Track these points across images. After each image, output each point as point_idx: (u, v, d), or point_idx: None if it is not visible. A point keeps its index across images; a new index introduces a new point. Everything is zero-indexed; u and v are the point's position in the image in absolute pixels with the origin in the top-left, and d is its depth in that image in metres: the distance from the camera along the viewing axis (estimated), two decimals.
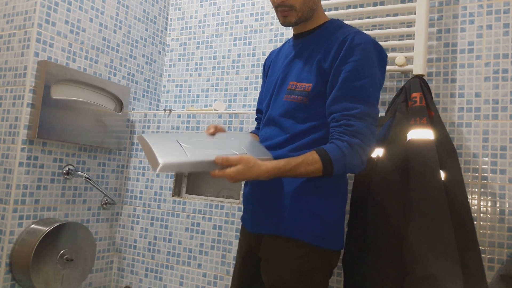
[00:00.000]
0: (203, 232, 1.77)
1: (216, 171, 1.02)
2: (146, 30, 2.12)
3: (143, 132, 1.97)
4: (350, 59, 1.09)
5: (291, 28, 1.28)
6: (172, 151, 1.03)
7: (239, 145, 1.12)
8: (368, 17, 1.67)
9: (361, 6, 1.69)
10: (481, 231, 1.39)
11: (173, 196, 1.86)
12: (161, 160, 0.98)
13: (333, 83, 1.11)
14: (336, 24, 1.22)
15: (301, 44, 1.24)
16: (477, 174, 1.42)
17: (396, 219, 1.25)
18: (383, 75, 1.16)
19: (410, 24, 1.59)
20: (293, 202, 1.13)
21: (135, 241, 1.91)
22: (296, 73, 1.20)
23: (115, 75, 1.93)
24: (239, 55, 2.01)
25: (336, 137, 1.06)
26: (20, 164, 1.53)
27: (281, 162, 1.05)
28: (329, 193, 1.14)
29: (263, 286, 1.16)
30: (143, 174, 1.94)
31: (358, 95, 1.08)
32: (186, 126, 1.87)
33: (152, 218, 1.89)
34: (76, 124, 1.67)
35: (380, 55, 1.14)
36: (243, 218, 1.31)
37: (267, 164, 1.04)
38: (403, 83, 1.53)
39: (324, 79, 1.13)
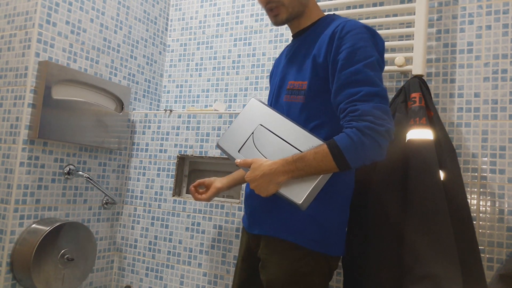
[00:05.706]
0: (203, 232, 1.77)
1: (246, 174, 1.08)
2: (147, 30, 2.12)
3: (143, 132, 1.97)
4: (342, 48, 1.05)
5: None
6: (235, 142, 1.17)
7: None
8: (367, 18, 1.67)
9: (361, 6, 1.70)
10: (480, 230, 1.39)
11: (173, 195, 1.87)
12: (219, 142, 1.20)
13: (333, 76, 1.07)
14: (330, 19, 1.19)
15: (297, 43, 1.23)
16: (476, 174, 1.43)
17: (395, 219, 1.25)
18: (382, 57, 1.10)
19: (410, 24, 1.59)
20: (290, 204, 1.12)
21: (136, 241, 1.92)
22: (294, 73, 1.18)
23: (115, 75, 1.94)
24: (239, 56, 2.02)
25: (346, 126, 1.00)
26: (21, 164, 1.54)
27: (288, 156, 1.05)
28: (329, 197, 1.10)
29: (262, 286, 1.17)
30: (144, 174, 1.95)
31: (357, 79, 1.02)
32: (187, 126, 1.87)
33: (153, 218, 1.89)
34: (77, 124, 1.68)
35: (374, 37, 1.09)
36: (243, 218, 1.31)
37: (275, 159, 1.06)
38: (402, 84, 1.54)
39: (320, 75, 1.10)
